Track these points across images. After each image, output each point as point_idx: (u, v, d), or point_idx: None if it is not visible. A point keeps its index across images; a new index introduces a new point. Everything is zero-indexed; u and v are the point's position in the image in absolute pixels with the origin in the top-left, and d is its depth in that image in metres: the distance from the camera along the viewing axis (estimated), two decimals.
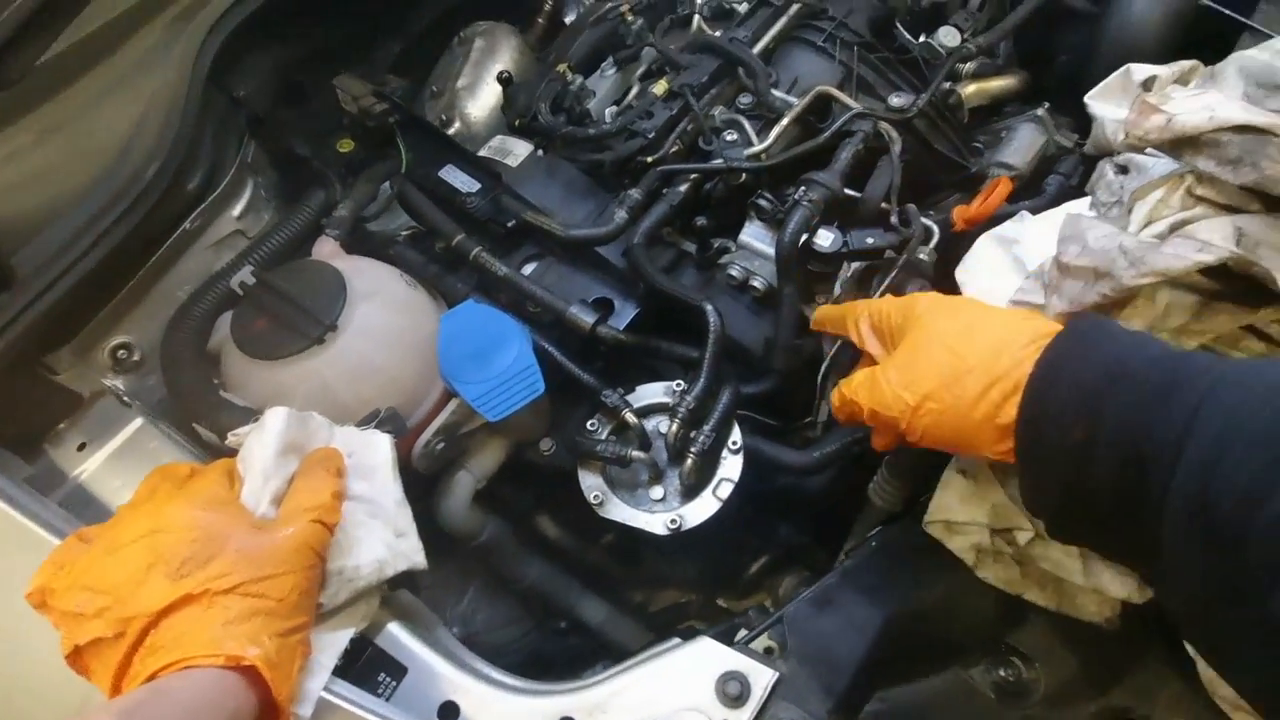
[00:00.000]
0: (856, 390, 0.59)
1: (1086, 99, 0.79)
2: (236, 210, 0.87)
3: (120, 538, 0.52)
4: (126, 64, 0.76)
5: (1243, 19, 0.89)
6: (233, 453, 0.62)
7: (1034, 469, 0.47)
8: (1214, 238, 0.51)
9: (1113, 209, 0.66)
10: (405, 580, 0.64)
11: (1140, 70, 0.73)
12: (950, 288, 0.74)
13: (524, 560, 0.88)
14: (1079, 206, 0.72)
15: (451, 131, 1.07)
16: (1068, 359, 0.47)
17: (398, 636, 0.64)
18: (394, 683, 0.62)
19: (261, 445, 0.60)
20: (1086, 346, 0.47)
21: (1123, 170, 0.68)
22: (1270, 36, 0.65)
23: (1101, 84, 0.77)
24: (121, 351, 0.80)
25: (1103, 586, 0.60)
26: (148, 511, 0.53)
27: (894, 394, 0.54)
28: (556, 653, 0.91)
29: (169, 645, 0.47)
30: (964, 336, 0.52)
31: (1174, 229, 0.56)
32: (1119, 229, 0.58)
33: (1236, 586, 0.36)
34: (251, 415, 0.70)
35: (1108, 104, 0.77)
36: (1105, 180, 0.69)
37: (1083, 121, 0.94)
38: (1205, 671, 0.58)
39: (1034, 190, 0.91)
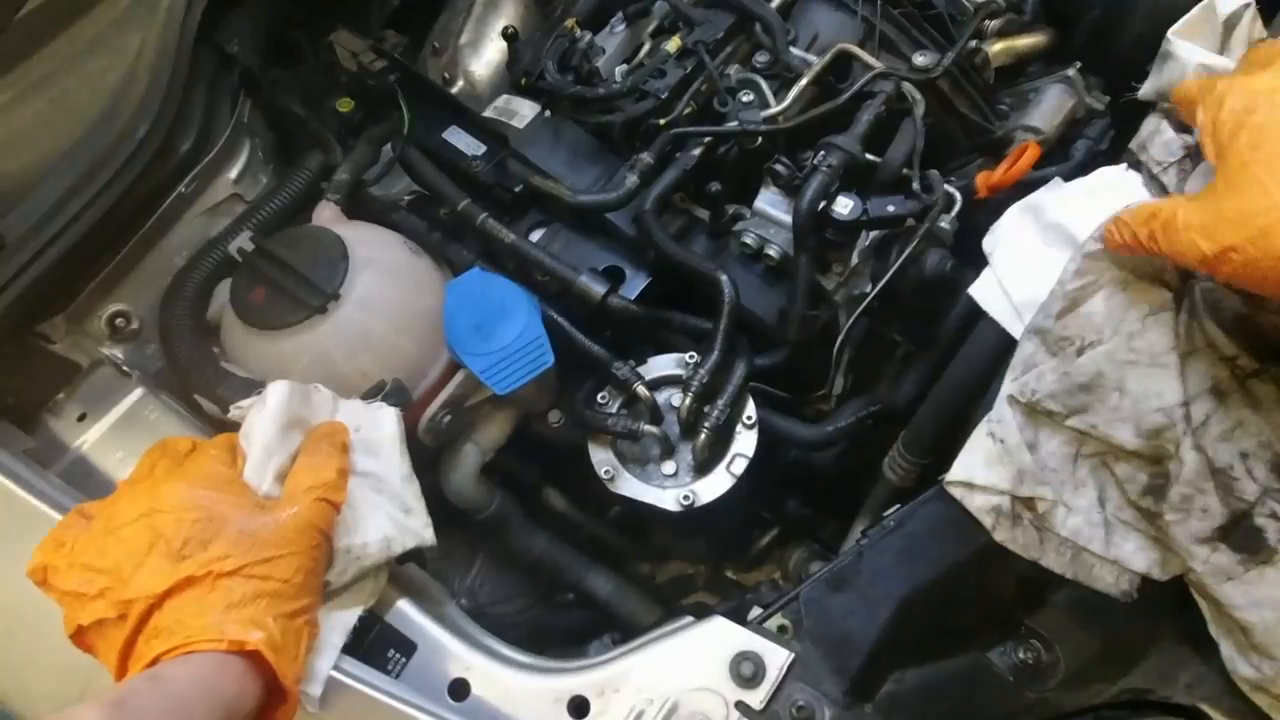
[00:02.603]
0: (1144, 222, 0.52)
1: (1170, 33, 0.67)
2: (233, 173, 0.84)
3: (119, 516, 0.50)
4: (108, 19, 0.72)
5: None
6: (235, 426, 0.61)
7: None
8: None
9: (1169, 169, 0.61)
10: (413, 554, 0.63)
11: (1226, 3, 0.64)
12: (970, 257, 0.70)
13: (531, 533, 0.87)
14: (1114, 172, 0.68)
15: (454, 90, 1.03)
16: None
17: (407, 613, 0.63)
18: (404, 659, 0.61)
19: (264, 420, 0.58)
20: None
21: (1185, 128, 0.61)
22: None
23: (1184, 18, 0.66)
24: (119, 320, 0.78)
25: (1124, 559, 0.58)
26: (146, 489, 0.51)
27: (1189, 240, 0.49)
28: (561, 626, 0.91)
29: (171, 628, 0.46)
30: None
31: None
32: None
33: None
34: (253, 387, 0.69)
35: (1191, 43, 0.65)
36: (1162, 138, 0.62)
37: (1114, 82, 0.90)
38: (1226, 652, 0.57)
39: (1060, 155, 0.88)
